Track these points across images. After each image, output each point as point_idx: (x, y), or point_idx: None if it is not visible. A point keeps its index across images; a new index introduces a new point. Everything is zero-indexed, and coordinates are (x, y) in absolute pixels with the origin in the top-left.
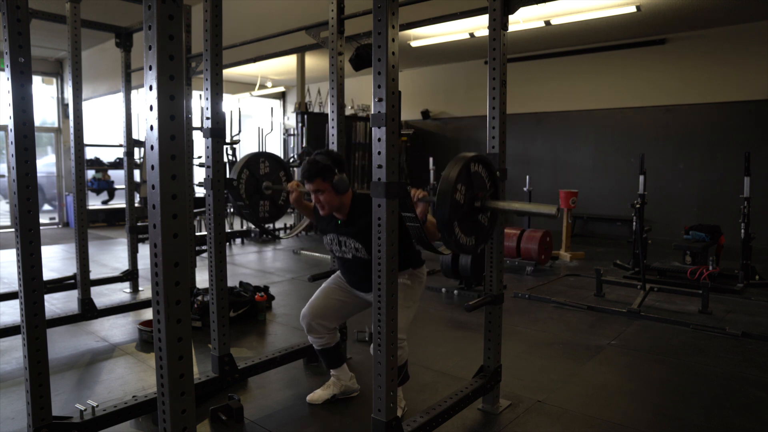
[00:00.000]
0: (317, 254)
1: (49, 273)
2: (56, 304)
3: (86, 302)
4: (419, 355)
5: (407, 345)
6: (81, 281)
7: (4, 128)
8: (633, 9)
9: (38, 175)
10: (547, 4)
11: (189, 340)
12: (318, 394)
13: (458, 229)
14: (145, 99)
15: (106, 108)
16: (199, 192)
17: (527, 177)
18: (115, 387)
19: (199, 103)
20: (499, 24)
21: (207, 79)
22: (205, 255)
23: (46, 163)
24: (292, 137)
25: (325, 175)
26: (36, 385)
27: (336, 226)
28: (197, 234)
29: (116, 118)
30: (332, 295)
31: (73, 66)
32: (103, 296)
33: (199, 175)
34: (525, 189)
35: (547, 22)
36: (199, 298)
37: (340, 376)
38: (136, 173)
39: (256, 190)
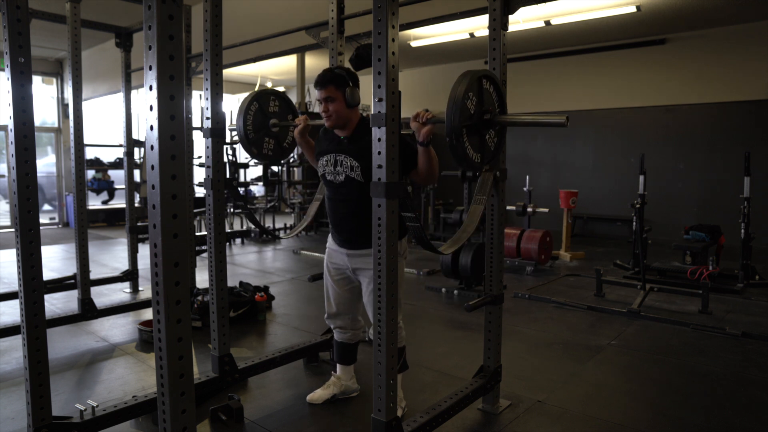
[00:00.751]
0: (317, 254)
1: (49, 273)
2: (56, 304)
3: (86, 302)
4: (419, 355)
5: (404, 327)
6: (81, 281)
7: (4, 128)
8: (633, 9)
9: (38, 175)
10: (547, 4)
11: (189, 340)
12: (318, 394)
13: (466, 139)
14: (145, 99)
15: (106, 108)
16: (199, 192)
17: (527, 177)
18: (115, 387)
19: (199, 103)
20: (499, 24)
21: (207, 79)
22: (205, 255)
23: (46, 163)
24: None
25: (338, 83)
26: (36, 385)
27: (337, 144)
28: (197, 234)
29: (116, 118)
30: (337, 289)
31: (73, 66)
32: (103, 296)
33: (199, 175)
34: (525, 189)
35: (547, 22)
36: (199, 298)
37: (342, 375)
38: (136, 173)
39: (262, 125)
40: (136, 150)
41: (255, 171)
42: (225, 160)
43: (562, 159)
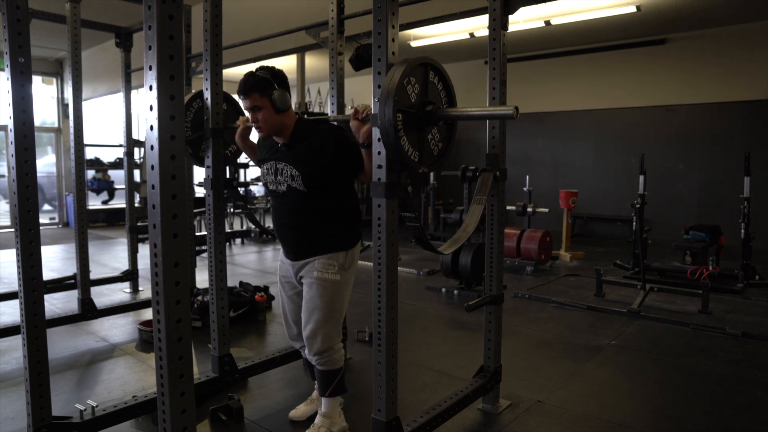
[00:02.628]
0: None
1: (49, 273)
2: (56, 304)
3: (86, 302)
4: (419, 355)
5: (339, 345)
6: (81, 281)
7: (4, 128)
8: (633, 9)
9: (38, 175)
10: (547, 4)
11: (189, 340)
12: (301, 410)
13: (403, 133)
14: (145, 99)
15: (106, 108)
16: (199, 192)
17: (527, 177)
18: (115, 387)
19: None
20: (499, 24)
21: (207, 79)
22: (205, 255)
23: (46, 163)
24: None
25: (262, 89)
26: (36, 385)
27: (275, 151)
28: (197, 234)
29: (116, 118)
30: (292, 304)
31: (73, 66)
32: (103, 296)
33: (199, 175)
34: (525, 189)
35: (547, 22)
36: (199, 298)
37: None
38: (136, 173)
39: (202, 125)
40: (136, 150)
41: (255, 171)
42: None
43: (562, 159)
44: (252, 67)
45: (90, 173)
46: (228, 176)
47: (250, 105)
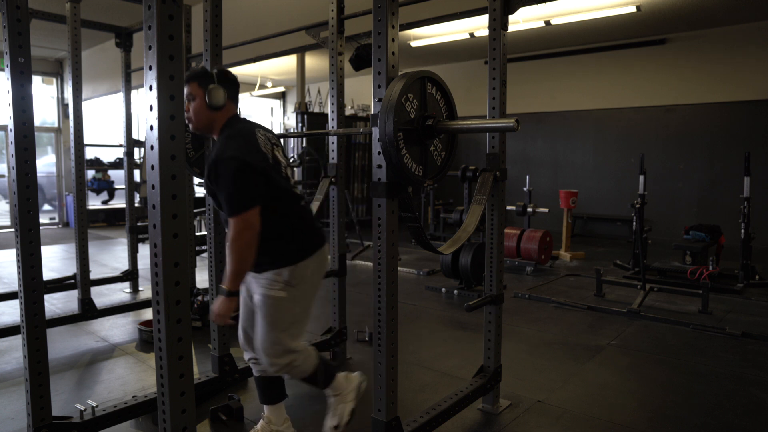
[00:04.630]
0: None
1: (49, 273)
2: (56, 304)
3: (86, 302)
4: (419, 355)
5: (302, 355)
6: (81, 281)
7: (4, 128)
8: (633, 9)
9: (38, 175)
10: (547, 4)
11: (189, 340)
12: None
13: (405, 150)
14: (145, 99)
15: (106, 108)
16: (199, 192)
17: (527, 177)
18: (115, 387)
19: None
20: (499, 24)
21: None
22: (205, 255)
23: (46, 163)
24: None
25: (201, 79)
26: (36, 385)
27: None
28: (197, 234)
29: (116, 118)
30: (247, 305)
31: (73, 66)
32: (103, 296)
33: None
34: (525, 189)
35: (547, 22)
36: (199, 298)
37: (272, 418)
38: (136, 173)
39: (202, 143)
40: (136, 150)
41: None
42: None
43: (562, 159)
44: (252, 66)
45: (90, 173)
46: None
47: (187, 92)
